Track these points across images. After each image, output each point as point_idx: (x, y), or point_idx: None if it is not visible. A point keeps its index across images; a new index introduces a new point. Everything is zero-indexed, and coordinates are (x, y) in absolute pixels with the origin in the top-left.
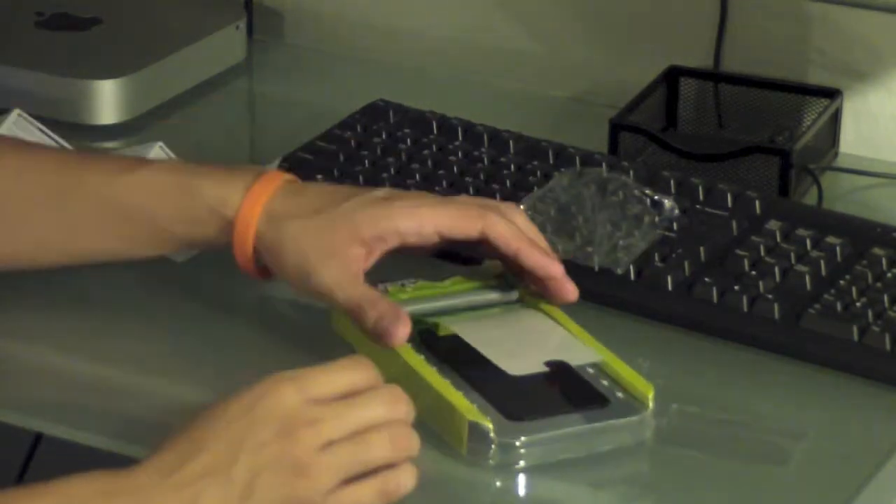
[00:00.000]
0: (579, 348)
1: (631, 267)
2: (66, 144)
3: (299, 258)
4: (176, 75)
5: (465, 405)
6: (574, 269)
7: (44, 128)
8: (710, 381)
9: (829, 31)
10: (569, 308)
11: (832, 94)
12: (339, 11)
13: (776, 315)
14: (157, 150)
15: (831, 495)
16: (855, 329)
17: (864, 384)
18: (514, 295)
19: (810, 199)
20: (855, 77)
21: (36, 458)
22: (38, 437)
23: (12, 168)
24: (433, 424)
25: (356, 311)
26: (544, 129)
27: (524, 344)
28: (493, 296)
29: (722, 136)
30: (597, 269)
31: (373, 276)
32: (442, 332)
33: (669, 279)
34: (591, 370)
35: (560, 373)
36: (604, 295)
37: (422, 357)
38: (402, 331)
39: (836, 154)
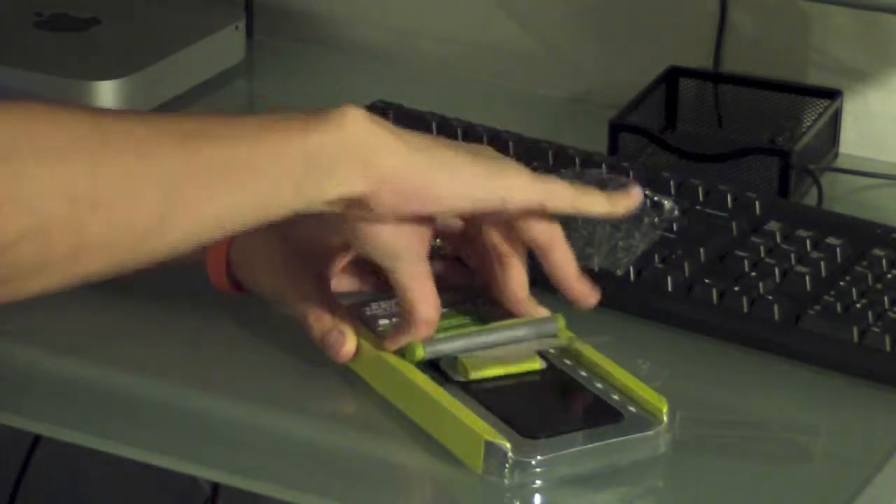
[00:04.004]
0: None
1: (631, 268)
2: None
3: (272, 266)
4: (176, 75)
5: (481, 424)
6: None
7: None
8: (710, 382)
9: (829, 31)
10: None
11: (832, 94)
12: (339, 12)
13: (776, 316)
14: None
15: (831, 496)
16: (855, 330)
17: (864, 385)
18: (554, 329)
19: (810, 199)
20: (855, 77)
21: (35, 458)
22: (36, 438)
23: None
24: (446, 443)
25: (303, 323)
26: (544, 130)
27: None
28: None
29: (722, 137)
30: (597, 269)
31: None
32: (473, 377)
33: (669, 280)
34: (599, 385)
35: (570, 389)
36: (604, 296)
37: (427, 376)
38: (345, 351)
39: (836, 154)
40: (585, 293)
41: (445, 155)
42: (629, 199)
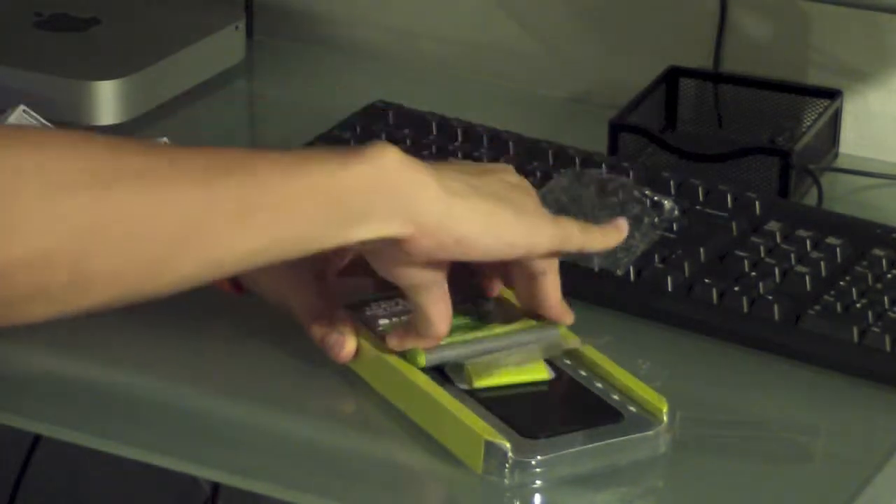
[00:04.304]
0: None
1: (631, 268)
2: None
3: (272, 266)
4: (176, 75)
5: (481, 424)
6: (574, 271)
7: (49, 125)
8: (710, 382)
9: (829, 31)
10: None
11: (832, 94)
12: (339, 12)
13: (776, 316)
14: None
15: (831, 496)
16: (855, 330)
17: (864, 384)
18: (556, 335)
19: (810, 199)
20: (855, 77)
21: (35, 458)
22: (36, 438)
23: None
24: (446, 443)
25: (303, 323)
26: (544, 130)
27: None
28: (533, 338)
29: (722, 137)
30: (596, 269)
31: None
32: (478, 385)
33: (669, 280)
34: (599, 385)
35: (570, 389)
36: (603, 296)
37: (427, 376)
38: (345, 353)
39: (837, 154)
40: (564, 315)
41: (481, 202)
42: (618, 232)
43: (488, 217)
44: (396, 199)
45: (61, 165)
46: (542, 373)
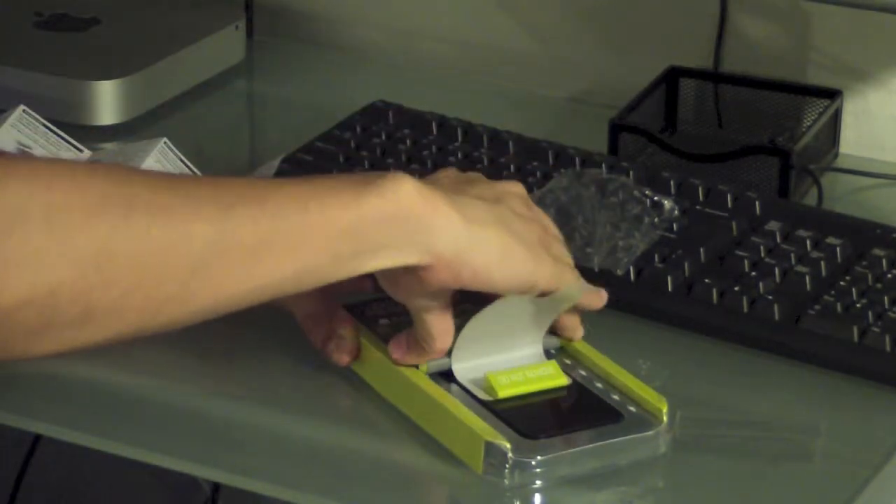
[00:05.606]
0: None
1: (631, 268)
2: (71, 141)
3: None
4: (176, 75)
5: (481, 425)
6: None
7: (49, 125)
8: (710, 382)
9: (829, 31)
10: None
11: (832, 94)
12: (339, 12)
13: (776, 316)
14: (162, 147)
15: (831, 496)
16: (855, 330)
17: (864, 384)
18: (556, 342)
19: (810, 199)
20: (855, 77)
21: (35, 458)
22: (36, 438)
23: None
24: (446, 443)
25: (304, 327)
26: (544, 130)
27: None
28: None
29: (722, 137)
30: (597, 269)
31: None
32: (502, 395)
33: (669, 280)
34: (599, 385)
35: (570, 389)
36: None
37: (428, 377)
38: (347, 358)
39: (837, 154)
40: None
41: (497, 235)
42: (600, 299)
43: (503, 251)
44: (415, 231)
45: (71, 200)
46: (561, 379)
